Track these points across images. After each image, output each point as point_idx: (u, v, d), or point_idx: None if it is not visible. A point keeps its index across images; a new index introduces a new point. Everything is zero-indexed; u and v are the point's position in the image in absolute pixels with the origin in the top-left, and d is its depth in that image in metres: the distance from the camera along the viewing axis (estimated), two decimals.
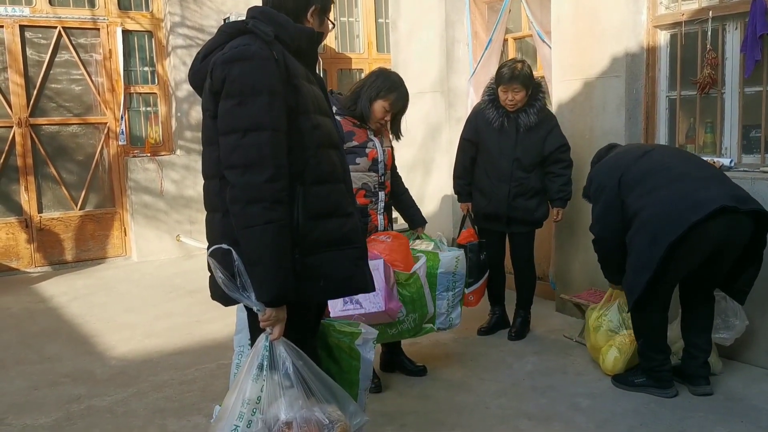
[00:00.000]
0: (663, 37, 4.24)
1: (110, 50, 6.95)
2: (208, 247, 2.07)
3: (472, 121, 4.35)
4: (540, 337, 4.40)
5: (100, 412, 3.48)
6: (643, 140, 4.30)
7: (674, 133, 4.28)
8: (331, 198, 2.12)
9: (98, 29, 6.92)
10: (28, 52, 6.65)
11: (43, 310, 5.38)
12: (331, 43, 8.28)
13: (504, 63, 4.25)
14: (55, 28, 6.71)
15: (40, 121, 6.74)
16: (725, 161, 3.87)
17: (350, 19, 8.52)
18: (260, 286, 1.94)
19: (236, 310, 2.61)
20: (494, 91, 4.18)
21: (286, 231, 1.96)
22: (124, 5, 7.03)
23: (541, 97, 4.18)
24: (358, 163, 3.43)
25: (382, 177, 3.55)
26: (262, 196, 1.91)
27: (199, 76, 2.13)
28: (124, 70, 7.01)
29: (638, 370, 3.53)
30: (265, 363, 1.97)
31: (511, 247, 4.42)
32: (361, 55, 8.44)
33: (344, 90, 3.84)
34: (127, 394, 3.67)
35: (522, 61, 4.19)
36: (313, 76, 2.21)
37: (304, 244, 2.03)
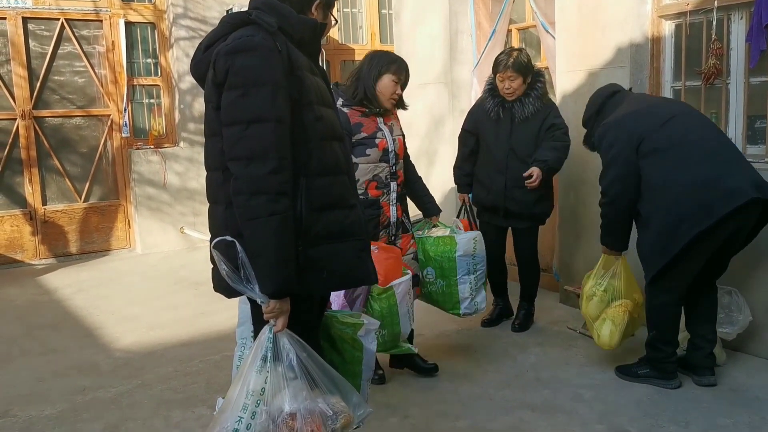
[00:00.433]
0: (668, 27, 4.21)
1: (113, 42, 6.94)
2: (211, 239, 2.07)
3: (473, 113, 4.34)
4: (543, 328, 4.40)
5: (105, 403, 3.49)
6: None
7: None
8: (334, 190, 2.11)
9: (101, 21, 6.91)
10: (31, 44, 6.65)
11: (48, 302, 5.40)
12: (334, 34, 8.25)
13: (501, 51, 4.22)
14: (58, 19, 6.70)
15: (44, 113, 6.75)
16: None
17: (353, 10, 8.49)
18: (264, 278, 1.94)
19: (238, 302, 2.61)
20: (494, 81, 4.16)
21: (290, 223, 1.95)
22: None
23: (540, 86, 4.09)
24: (369, 155, 3.35)
25: (394, 167, 3.45)
26: (265, 188, 1.91)
27: (201, 67, 2.13)
28: (127, 62, 7.01)
29: (642, 362, 3.52)
30: (269, 355, 1.97)
31: (514, 243, 4.40)
32: (365, 47, 8.39)
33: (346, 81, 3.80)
34: (132, 386, 3.69)
35: (519, 49, 4.16)
36: (317, 68, 2.19)
37: (307, 236, 2.03)
